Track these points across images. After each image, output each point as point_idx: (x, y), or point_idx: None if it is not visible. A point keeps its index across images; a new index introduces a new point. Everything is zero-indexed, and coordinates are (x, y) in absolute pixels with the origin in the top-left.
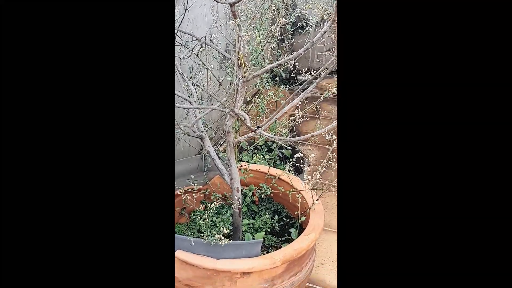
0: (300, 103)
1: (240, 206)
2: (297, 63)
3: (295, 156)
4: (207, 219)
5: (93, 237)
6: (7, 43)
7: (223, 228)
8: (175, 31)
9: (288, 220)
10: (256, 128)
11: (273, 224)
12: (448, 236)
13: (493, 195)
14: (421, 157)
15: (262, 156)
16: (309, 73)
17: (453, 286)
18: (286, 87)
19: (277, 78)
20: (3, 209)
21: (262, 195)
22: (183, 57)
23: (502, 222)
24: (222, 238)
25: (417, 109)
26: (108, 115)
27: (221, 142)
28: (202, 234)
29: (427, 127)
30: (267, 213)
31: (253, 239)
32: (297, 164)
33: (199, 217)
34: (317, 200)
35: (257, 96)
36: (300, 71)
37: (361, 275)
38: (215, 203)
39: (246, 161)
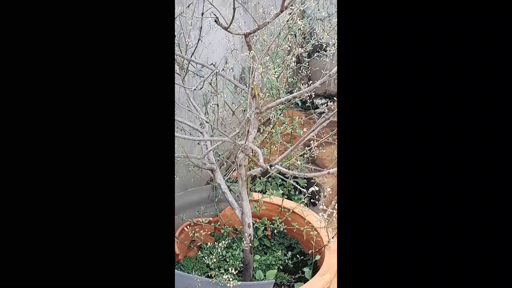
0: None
1: (251, 244)
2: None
3: (310, 189)
4: (215, 260)
5: (91, 265)
6: (7, 43)
7: (231, 268)
8: (187, 61)
9: (302, 257)
10: (268, 167)
11: (286, 261)
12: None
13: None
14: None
15: (276, 185)
16: (325, 100)
17: None
18: (302, 112)
19: (292, 105)
20: (3, 209)
21: (275, 231)
22: (194, 89)
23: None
24: (230, 279)
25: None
26: (105, 140)
27: (234, 168)
28: (211, 271)
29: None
30: (280, 249)
31: (265, 276)
32: (312, 199)
33: (208, 254)
34: (332, 237)
35: (271, 126)
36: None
37: None
38: (223, 242)
39: (259, 191)
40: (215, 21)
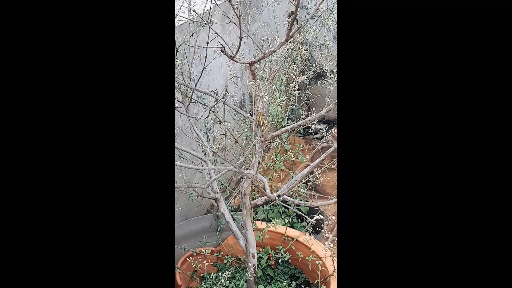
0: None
1: (255, 274)
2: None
3: (314, 217)
4: None
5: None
6: (7, 43)
7: None
8: (191, 89)
9: (307, 287)
10: (276, 197)
11: None
12: None
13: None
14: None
15: (278, 213)
16: (324, 125)
17: None
18: (301, 138)
19: (294, 132)
20: (3, 209)
21: (279, 260)
22: (199, 118)
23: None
24: None
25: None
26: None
27: (234, 195)
28: None
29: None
30: (284, 279)
31: None
32: (317, 228)
33: (211, 285)
34: None
35: (274, 154)
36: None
37: None
38: (227, 272)
39: (262, 219)
40: (221, 50)
